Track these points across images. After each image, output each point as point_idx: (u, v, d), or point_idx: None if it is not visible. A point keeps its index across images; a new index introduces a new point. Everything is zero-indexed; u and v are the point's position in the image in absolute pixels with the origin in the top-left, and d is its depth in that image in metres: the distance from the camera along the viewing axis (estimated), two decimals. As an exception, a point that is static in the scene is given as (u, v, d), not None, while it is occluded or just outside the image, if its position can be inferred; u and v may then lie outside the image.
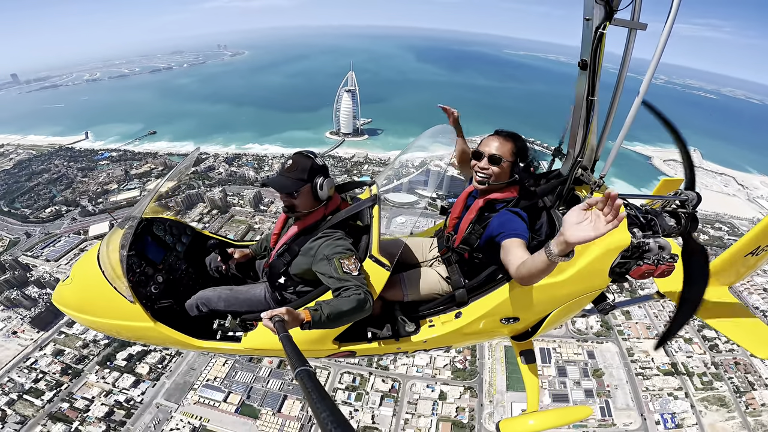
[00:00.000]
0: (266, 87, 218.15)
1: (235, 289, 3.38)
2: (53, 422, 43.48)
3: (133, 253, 3.39)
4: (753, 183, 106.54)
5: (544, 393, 44.19)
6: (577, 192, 2.85)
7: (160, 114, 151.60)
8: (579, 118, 2.38)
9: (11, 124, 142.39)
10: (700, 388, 44.10)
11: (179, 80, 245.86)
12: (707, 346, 48.26)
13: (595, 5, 1.93)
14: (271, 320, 1.98)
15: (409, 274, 3.31)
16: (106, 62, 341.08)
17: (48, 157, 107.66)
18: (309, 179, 2.78)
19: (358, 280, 2.56)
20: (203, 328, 3.22)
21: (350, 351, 3.29)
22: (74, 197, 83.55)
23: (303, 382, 1.33)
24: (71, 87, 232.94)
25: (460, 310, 3.10)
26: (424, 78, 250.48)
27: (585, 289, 2.96)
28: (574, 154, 2.60)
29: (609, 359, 48.13)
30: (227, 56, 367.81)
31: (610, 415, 42.37)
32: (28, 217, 77.66)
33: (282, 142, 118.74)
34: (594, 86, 2.18)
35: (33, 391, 46.17)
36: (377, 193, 3.10)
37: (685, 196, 3.11)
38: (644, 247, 2.70)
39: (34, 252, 67.62)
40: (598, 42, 2.01)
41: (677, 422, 41.19)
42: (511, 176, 2.86)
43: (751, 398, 43.22)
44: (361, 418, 42.00)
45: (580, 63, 2.15)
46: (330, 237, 2.82)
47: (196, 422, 42.52)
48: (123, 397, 45.27)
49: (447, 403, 43.10)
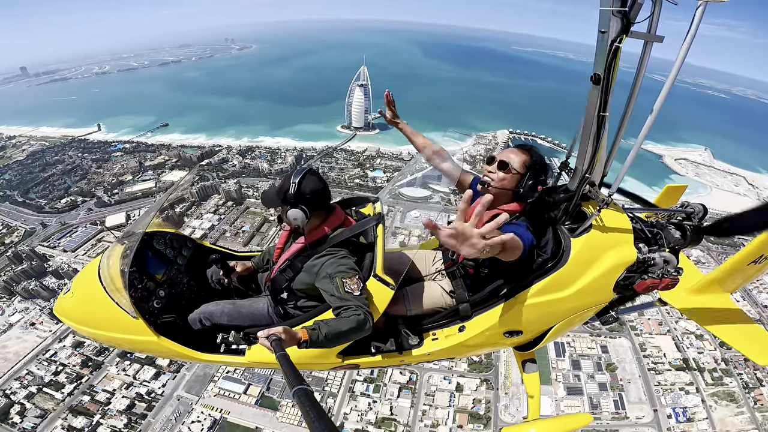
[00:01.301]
0: (276, 81, 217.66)
1: (238, 303, 3.39)
2: (74, 416, 43.35)
3: (135, 269, 3.36)
4: (764, 183, 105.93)
5: (559, 386, 44.78)
6: (584, 208, 2.79)
7: (171, 106, 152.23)
8: (589, 133, 2.30)
9: (23, 116, 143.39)
10: (710, 384, 44.67)
11: (188, 73, 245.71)
12: (718, 343, 48.42)
13: (611, 17, 1.84)
14: (267, 339, 1.98)
15: (413, 289, 3.28)
16: (115, 55, 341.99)
17: (61, 148, 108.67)
18: (283, 203, 2.79)
19: (359, 300, 2.56)
20: (207, 340, 3.20)
21: (354, 364, 3.28)
22: (89, 188, 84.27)
23: (301, 401, 1.32)
24: (81, 80, 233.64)
25: (464, 323, 3.08)
26: (432, 74, 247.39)
27: (589, 304, 3.00)
28: (582, 169, 2.51)
29: (622, 354, 48.64)
30: (235, 50, 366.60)
31: (623, 408, 42.89)
32: (44, 208, 78.17)
33: (294, 135, 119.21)
34: (606, 102, 2.10)
35: (53, 384, 45.95)
36: (381, 212, 3.12)
37: (692, 209, 3.14)
38: (649, 262, 2.73)
39: (50, 242, 67.92)
40: (613, 56, 1.93)
41: (689, 416, 41.76)
42: (516, 187, 2.79)
43: (759, 394, 43.80)
44: (379, 410, 42.65)
45: (593, 77, 2.05)
46: (334, 255, 2.81)
47: (216, 414, 42.83)
48: (144, 390, 45.25)
49: (464, 395, 43.69)
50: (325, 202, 2.93)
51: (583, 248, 2.64)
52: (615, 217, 2.71)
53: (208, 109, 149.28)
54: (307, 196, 2.75)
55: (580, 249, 2.64)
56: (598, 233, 2.63)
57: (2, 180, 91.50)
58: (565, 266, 2.66)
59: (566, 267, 2.66)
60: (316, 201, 2.81)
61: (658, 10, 1.85)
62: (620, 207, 2.82)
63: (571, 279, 2.70)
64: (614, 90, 2.07)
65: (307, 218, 2.77)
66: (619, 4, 1.83)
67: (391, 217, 69.08)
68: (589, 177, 2.49)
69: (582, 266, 2.68)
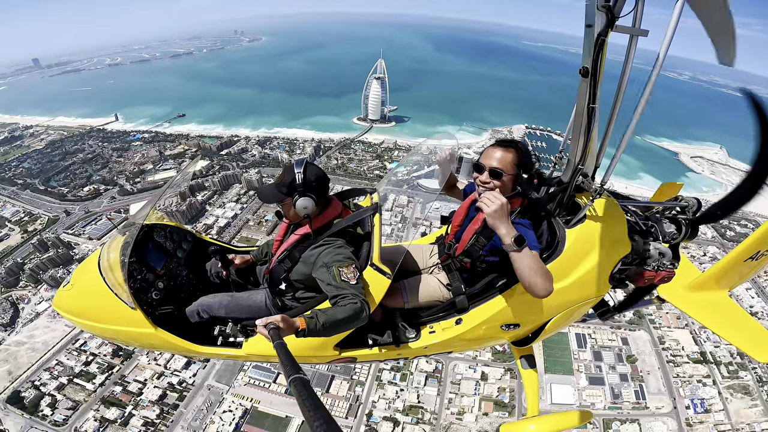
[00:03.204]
0: (289, 72, 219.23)
1: (236, 296, 3.39)
2: (106, 407, 42.86)
3: (134, 259, 3.39)
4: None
5: (581, 376, 45.45)
6: (578, 199, 2.80)
7: (186, 97, 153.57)
8: (580, 125, 2.34)
9: (38, 107, 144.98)
10: (726, 377, 45.37)
11: (201, 65, 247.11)
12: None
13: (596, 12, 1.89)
14: (265, 327, 1.98)
15: (410, 282, 3.29)
16: (125, 47, 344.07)
17: (80, 137, 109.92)
18: (288, 194, 2.81)
19: (355, 289, 2.56)
20: (204, 333, 3.21)
21: (351, 357, 3.29)
22: (111, 176, 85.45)
23: (297, 390, 1.32)
24: (94, 71, 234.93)
25: (461, 316, 3.09)
26: (445, 68, 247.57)
27: (586, 296, 2.97)
28: (575, 161, 2.53)
29: (641, 346, 49.22)
30: (245, 42, 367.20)
31: (644, 398, 43.57)
32: (66, 196, 79.27)
33: (310, 126, 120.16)
34: (595, 94, 2.14)
35: (83, 375, 45.38)
36: (378, 202, 3.14)
37: (686, 203, 3.16)
38: (645, 254, 2.77)
39: (75, 230, 68.55)
40: (600, 49, 1.98)
41: (706, 407, 42.54)
42: (514, 188, 2.76)
43: (773, 388, 44.48)
44: (406, 398, 43.39)
45: (581, 70, 2.11)
46: (331, 245, 2.83)
47: (247, 404, 42.93)
48: (175, 380, 45.00)
49: (488, 383, 44.41)
50: (327, 191, 3.00)
51: (577, 239, 2.68)
52: (609, 208, 2.74)
53: (224, 100, 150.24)
54: (313, 184, 2.82)
55: (575, 240, 2.68)
56: (592, 224, 2.68)
57: (22, 168, 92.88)
58: (560, 257, 2.69)
59: (561, 258, 2.69)
60: (321, 188, 2.88)
61: (641, 5, 1.90)
62: (614, 199, 2.85)
63: (566, 270, 2.74)
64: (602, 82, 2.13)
65: (315, 205, 2.83)
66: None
67: (411, 208, 69.65)
68: (582, 168, 2.51)
69: (577, 257, 2.72)
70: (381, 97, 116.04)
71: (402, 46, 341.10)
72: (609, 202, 2.75)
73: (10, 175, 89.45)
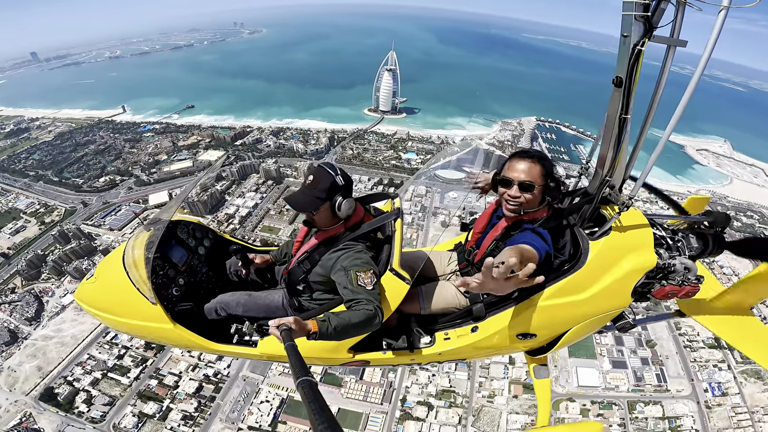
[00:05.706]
0: (295, 64, 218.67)
1: (254, 295, 3.39)
2: (144, 401, 41.77)
3: (158, 255, 3.41)
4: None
5: (604, 359, 46.60)
6: (603, 211, 2.74)
7: (193, 88, 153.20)
8: (610, 136, 2.29)
9: (42, 99, 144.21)
10: (740, 362, 46.37)
11: (203, 57, 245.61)
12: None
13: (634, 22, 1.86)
14: (278, 328, 1.98)
15: (427, 288, 3.27)
16: (124, 40, 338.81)
17: (89, 129, 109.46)
18: (328, 198, 2.77)
19: (371, 294, 2.56)
20: (221, 331, 3.25)
21: (365, 360, 3.28)
22: (126, 167, 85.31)
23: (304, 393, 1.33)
24: (94, 64, 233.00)
25: (477, 324, 3.06)
26: (451, 60, 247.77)
27: (606, 308, 2.92)
28: (603, 173, 2.48)
29: (659, 332, 50.33)
30: (246, 34, 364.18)
31: (665, 381, 44.86)
32: (81, 187, 79.04)
33: (321, 117, 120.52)
34: (628, 104, 2.09)
35: (117, 369, 44.22)
36: (400, 207, 3.15)
37: (713, 218, 3.10)
38: (669, 269, 2.70)
39: (94, 221, 68.20)
40: (636, 59, 1.94)
41: (723, 390, 43.78)
42: (544, 200, 2.74)
43: (783, 374, 45.59)
44: (438, 382, 44.39)
45: (615, 80, 2.07)
46: (351, 249, 2.84)
47: (283, 393, 42.81)
48: (210, 371, 44.24)
49: (516, 367, 45.36)
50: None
51: (601, 251, 2.62)
52: (635, 221, 2.69)
53: (231, 92, 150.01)
54: (350, 185, 2.89)
55: (599, 252, 2.62)
56: (617, 236, 2.62)
57: (32, 160, 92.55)
58: (582, 269, 2.64)
59: (583, 270, 2.64)
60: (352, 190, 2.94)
61: (681, 15, 1.85)
62: (641, 212, 2.82)
63: (587, 282, 2.70)
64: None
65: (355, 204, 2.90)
66: (642, 9, 1.85)
67: (430, 198, 70.35)
68: (610, 180, 2.46)
69: (599, 270, 2.67)
70: (392, 89, 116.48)
71: (406, 38, 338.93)
72: (635, 215, 2.73)
73: (21, 167, 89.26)
